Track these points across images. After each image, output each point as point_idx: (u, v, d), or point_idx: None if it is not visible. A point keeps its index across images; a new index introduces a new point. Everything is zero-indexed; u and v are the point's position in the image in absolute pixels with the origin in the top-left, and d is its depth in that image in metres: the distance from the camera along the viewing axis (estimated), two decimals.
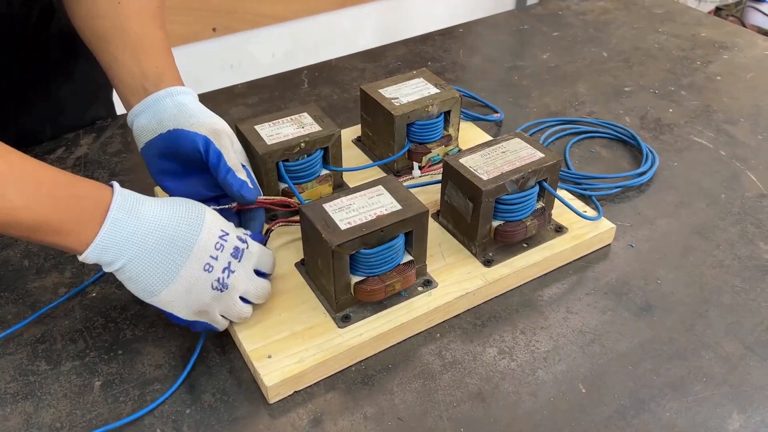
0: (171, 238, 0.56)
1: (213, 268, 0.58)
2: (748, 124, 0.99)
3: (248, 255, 0.61)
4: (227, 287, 0.59)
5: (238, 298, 0.61)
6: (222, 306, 0.61)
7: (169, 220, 0.57)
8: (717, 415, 0.60)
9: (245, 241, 0.61)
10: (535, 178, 0.70)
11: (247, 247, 0.61)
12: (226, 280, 0.59)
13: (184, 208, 0.59)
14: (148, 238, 0.56)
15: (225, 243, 0.59)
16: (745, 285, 0.73)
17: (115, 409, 0.60)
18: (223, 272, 0.59)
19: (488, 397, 0.61)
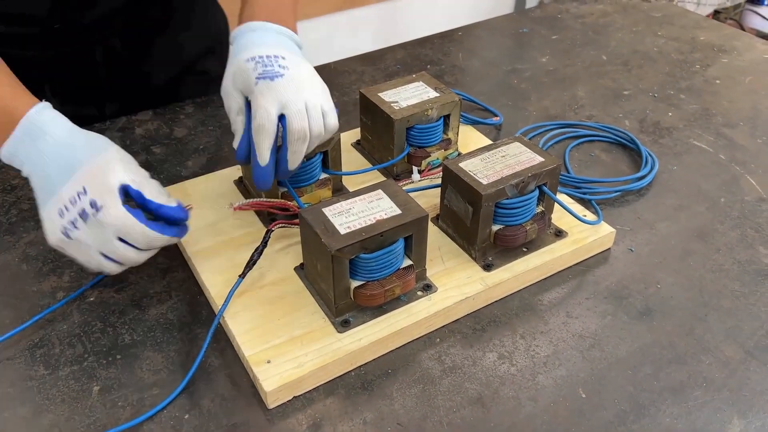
0: (47, 176, 0.62)
1: (64, 215, 0.62)
2: (747, 128, 0.99)
3: (95, 222, 0.61)
4: (71, 239, 0.62)
5: (97, 254, 0.63)
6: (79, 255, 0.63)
7: (53, 159, 0.62)
8: (717, 419, 0.60)
9: (98, 208, 0.60)
10: (535, 182, 0.70)
11: (96, 213, 0.60)
12: (69, 232, 0.62)
13: (68, 153, 0.63)
14: (36, 166, 0.63)
15: (77, 201, 0.61)
16: (745, 289, 0.73)
17: (113, 414, 0.60)
18: (69, 224, 0.62)
19: (488, 402, 0.61)
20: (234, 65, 0.68)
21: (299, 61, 0.69)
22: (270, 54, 0.67)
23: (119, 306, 0.70)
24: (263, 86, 0.65)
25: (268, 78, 0.65)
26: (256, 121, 0.65)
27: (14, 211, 0.83)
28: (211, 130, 0.97)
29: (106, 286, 0.72)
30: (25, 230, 0.80)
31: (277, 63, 0.66)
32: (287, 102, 0.65)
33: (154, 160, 0.91)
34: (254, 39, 0.69)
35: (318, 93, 0.68)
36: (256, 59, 0.66)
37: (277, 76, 0.66)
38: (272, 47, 0.68)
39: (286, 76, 0.66)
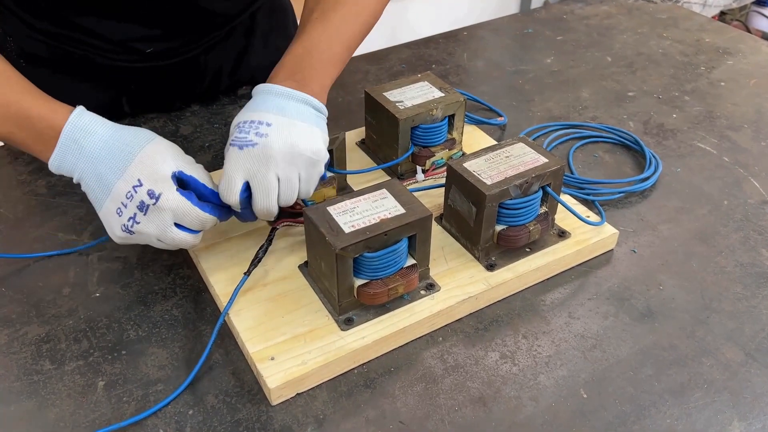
0: (99, 175, 0.63)
1: (122, 213, 0.63)
2: (751, 131, 0.99)
3: (155, 210, 0.62)
4: (134, 233, 0.64)
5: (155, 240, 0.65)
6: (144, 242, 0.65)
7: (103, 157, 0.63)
8: (717, 421, 0.60)
9: (155, 197, 0.62)
10: (539, 183, 0.71)
11: (154, 203, 0.62)
12: (131, 228, 0.64)
13: (118, 149, 0.63)
14: (86, 168, 0.64)
15: (134, 194, 0.62)
16: (747, 292, 0.73)
17: (118, 410, 0.60)
18: (129, 221, 0.63)
19: (489, 402, 0.61)
20: None
21: (287, 127, 0.65)
22: (254, 119, 0.65)
23: (125, 302, 0.70)
24: (231, 153, 0.65)
25: (237, 146, 0.64)
26: (219, 187, 0.66)
27: (21, 207, 0.83)
28: (217, 128, 0.98)
29: (112, 282, 0.73)
30: (31, 225, 0.80)
31: (255, 131, 0.64)
32: (253, 174, 0.64)
33: None
34: (256, 102, 0.67)
35: (297, 164, 0.65)
36: (239, 124, 0.66)
37: (248, 144, 0.64)
38: (263, 112, 0.66)
39: (258, 145, 0.64)
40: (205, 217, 0.65)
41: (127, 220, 0.63)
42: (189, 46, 0.94)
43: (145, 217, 0.63)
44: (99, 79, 0.93)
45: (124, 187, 0.62)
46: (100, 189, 0.64)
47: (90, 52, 0.89)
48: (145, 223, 0.63)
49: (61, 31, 0.87)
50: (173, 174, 0.63)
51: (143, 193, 0.62)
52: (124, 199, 0.62)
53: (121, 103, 0.98)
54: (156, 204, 0.62)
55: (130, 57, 0.91)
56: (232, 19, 0.97)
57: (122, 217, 0.63)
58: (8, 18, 0.87)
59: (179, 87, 1.00)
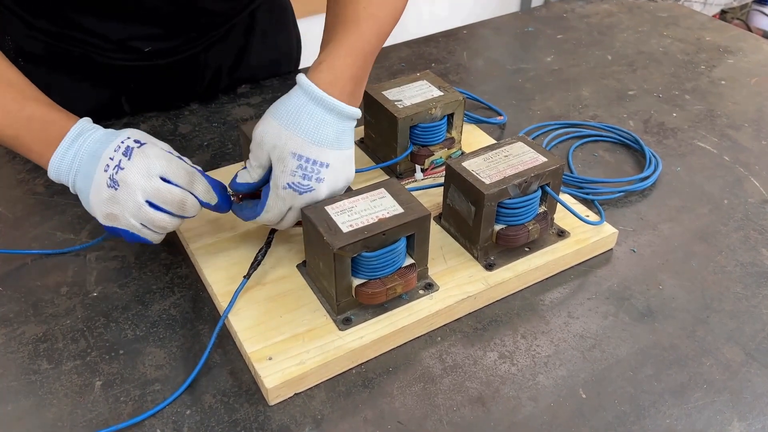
0: (93, 151, 0.63)
1: (108, 168, 0.62)
2: (751, 130, 0.99)
3: (139, 153, 0.61)
4: (118, 183, 0.61)
5: (143, 201, 0.62)
6: (128, 209, 0.62)
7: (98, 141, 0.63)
8: (717, 422, 0.60)
9: (141, 143, 0.62)
10: (538, 182, 0.70)
11: (138, 146, 0.62)
12: (115, 176, 0.61)
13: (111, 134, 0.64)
14: (83, 158, 0.63)
15: (121, 145, 0.62)
16: (747, 291, 0.73)
17: (115, 409, 0.60)
18: (114, 170, 0.61)
19: (488, 402, 0.61)
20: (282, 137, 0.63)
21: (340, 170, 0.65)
22: (317, 160, 0.64)
23: (122, 301, 0.70)
24: (286, 194, 0.64)
25: (297, 191, 0.64)
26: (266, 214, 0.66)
27: (20, 206, 0.83)
28: (215, 127, 0.97)
29: (110, 281, 0.72)
30: (30, 225, 0.80)
31: (316, 176, 0.64)
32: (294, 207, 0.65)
33: None
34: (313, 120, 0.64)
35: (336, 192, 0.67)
36: (302, 162, 0.63)
37: (307, 191, 0.64)
38: (324, 150, 0.64)
39: (315, 192, 0.64)
40: (192, 171, 0.64)
41: (113, 169, 0.61)
42: (188, 45, 0.94)
43: (130, 162, 0.61)
44: (98, 77, 0.93)
45: (113, 145, 0.62)
46: (91, 162, 0.62)
47: (89, 51, 0.89)
48: (129, 168, 0.61)
49: (60, 29, 0.86)
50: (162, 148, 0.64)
51: (130, 142, 0.63)
52: (112, 153, 0.62)
53: (120, 102, 0.98)
54: (140, 148, 0.62)
55: (130, 56, 0.91)
56: (232, 18, 0.96)
57: (107, 173, 0.61)
58: (6, 16, 0.87)
59: (179, 86, 1.00)
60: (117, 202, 0.62)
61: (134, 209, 0.62)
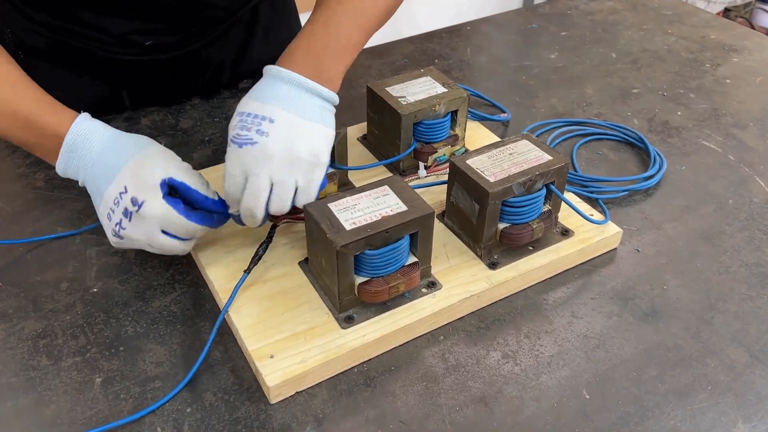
0: (95, 179, 0.65)
1: (111, 218, 0.64)
2: (756, 129, 0.98)
3: (138, 217, 0.63)
4: (123, 238, 0.65)
5: (149, 246, 0.65)
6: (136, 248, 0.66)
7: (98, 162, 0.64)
8: (721, 423, 0.59)
9: (138, 204, 0.62)
10: (543, 180, 0.70)
11: (137, 210, 0.62)
12: (119, 233, 0.64)
13: (112, 155, 0.64)
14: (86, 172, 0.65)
15: (120, 201, 0.63)
16: (752, 292, 0.72)
17: (115, 406, 0.60)
18: (116, 226, 0.64)
19: (491, 402, 0.61)
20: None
21: (290, 126, 0.63)
22: (258, 114, 0.63)
23: (123, 297, 0.70)
24: (231, 151, 0.64)
25: (237, 144, 0.63)
26: (225, 183, 0.65)
27: (20, 200, 0.83)
28: (217, 122, 0.97)
29: (110, 277, 0.72)
30: (30, 219, 0.79)
31: (257, 127, 0.63)
32: (248, 174, 0.63)
33: None
34: (264, 88, 0.65)
35: (294, 169, 0.63)
36: (243, 116, 0.64)
37: (248, 143, 0.62)
38: (269, 105, 0.64)
39: (258, 144, 0.62)
40: (191, 226, 0.64)
41: (115, 225, 0.64)
42: (190, 39, 0.93)
43: (130, 223, 0.63)
44: (99, 72, 0.92)
45: (113, 193, 0.63)
46: (96, 193, 0.65)
47: (89, 45, 0.88)
48: (130, 229, 0.63)
49: (61, 23, 0.86)
50: (162, 181, 0.63)
51: (127, 200, 0.62)
52: (112, 205, 0.63)
53: (121, 97, 0.97)
54: (138, 212, 0.62)
55: (131, 50, 0.90)
56: (234, 13, 0.96)
57: (111, 222, 0.64)
58: (7, 9, 0.86)
59: (180, 80, 0.99)
60: (124, 246, 0.66)
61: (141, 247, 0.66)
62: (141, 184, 0.62)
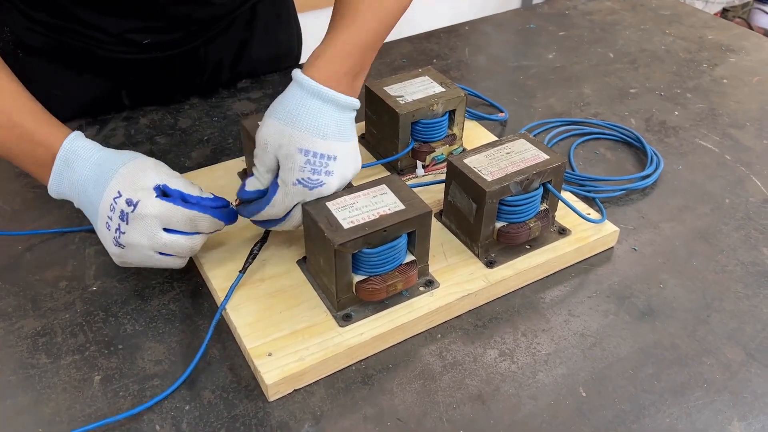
0: (88, 195, 0.64)
1: (110, 227, 0.63)
2: (753, 129, 0.99)
3: (135, 218, 0.61)
4: (124, 246, 0.63)
5: (153, 253, 0.64)
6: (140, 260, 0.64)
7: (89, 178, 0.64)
8: (717, 421, 0.60)
9: (133, 204, 0.61)
10: (540, 179, 0.70)
11: (132, 211, 0.61)
12: (119, 239, 0.63)
13: (103, 168, 0.63)
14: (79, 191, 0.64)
15: (115, 205, 0.62)
16: (748, 291, 0.72)
17: (114, 404, 0.60)
18: (116, 232, 0.63)
19: (488, 399, 0.61)
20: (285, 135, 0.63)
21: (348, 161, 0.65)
22: (324, 153, 0.63)
23: (121, 296, 0.70)
24: (298, 191, 0.64)
25: (307, 187, 0.63)
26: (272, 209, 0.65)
27: (18, 200, 0.83)
28: (216, 122, 0.97)
29: (109, 276, 0.72)
30: (29, 219, 0.80)
31: (325, 169, 0.63)
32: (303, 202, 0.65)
33: (158, 150, 0.91)
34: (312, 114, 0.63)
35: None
36: (310, 157, 0.63)
37: (318, 186, 0.64)
38: (330, 141, 0.63)
39: (326, 185, 0.64)
40: (193, 214, 0.63)
41: (115, 232, 0.63)
42: (188, 38, 0.94)
43: (128, 226, 0.62)
44: (97, 70, 0.93)
45: (107, 201, 0.62)
46: (91, 208, 0.64)
47: (88, 44, 0.88)
48: (130, 232, 0.62)
49: (59, 22, 0.86)
50: (156, 186, 0.63)
51: (122, 203, 0.61)
52: (108, 212, 0.62)
53: (120, 96, 0.98)
54: (134, 212, 0.61)
55: (129, 49, 0.90)
56: (232, 12, 0.96)
57: (110, 231, 0.63)
58: (6, 9, 0.86)
59: (179, 79, 0.99)
60: (128, 258, 0.64)
61: (146, 259, 0.64)
62: (134, 186, 0.62)
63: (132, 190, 0.62)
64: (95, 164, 0.64)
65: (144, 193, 0.62)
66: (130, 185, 0.62)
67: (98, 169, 0.64)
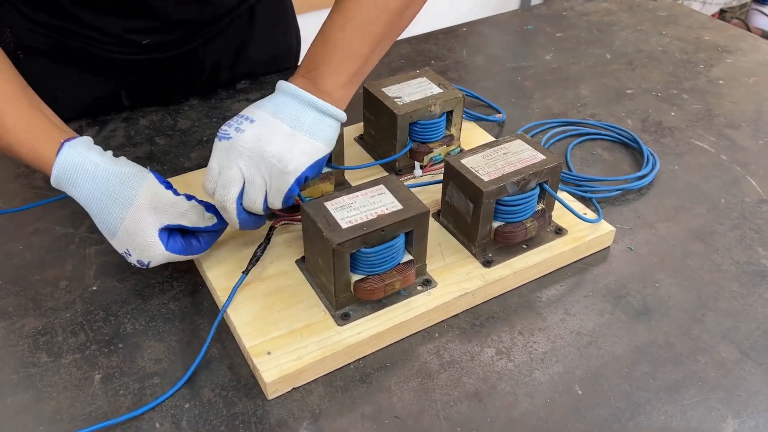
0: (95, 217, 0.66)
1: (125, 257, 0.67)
2: (749, 129, 0.99)
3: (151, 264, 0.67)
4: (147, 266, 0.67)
5: None
6: None
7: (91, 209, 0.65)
8: (711, 419, 0.60)
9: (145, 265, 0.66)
10: (536, 180, 0.71)
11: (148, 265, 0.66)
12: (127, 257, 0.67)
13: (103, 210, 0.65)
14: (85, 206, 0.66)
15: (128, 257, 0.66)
16: (743, 290, 0.73)
17: (114, 403, 0.60)
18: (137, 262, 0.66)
19: (485, 398, 0.62)
20: None
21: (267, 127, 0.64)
22: (244, 114, 0.66)
23: (122, 295, 0.71)
24: (214, 145, 0.66)
25: (217, 138, 0.65)
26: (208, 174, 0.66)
27: (18, 199, 0.83)
28: (215, 122, 0.98)
29: (109, 275, 0.73)
30: (29, 219, 0.80)
31: (237, 125, 0.65)
32: (221, 167, 0.64)
33: (157, 151, 0.92)
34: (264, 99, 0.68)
35: (260, 167, 0.63)
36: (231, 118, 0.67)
37: (225, 137, 0.64)
38: (258, 109, 0.66)
39: (231, 139, 0.64)
40: (195, 255, 0.69)
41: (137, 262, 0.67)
42: (188, 38, 0.94)
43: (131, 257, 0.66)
44: (97, 71, 0.93)
45: (119, 246, 0.66)
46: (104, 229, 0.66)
47: (88, 45, 0.89)
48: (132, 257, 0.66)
49: (58, 22, 0.87)
50: (159, 231, 0.65)
51: (134, 260, 0.66)
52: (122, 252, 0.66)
53: (119, 96, 0.98)
54: (149, 265, 0.66)
55: (129, 49, 0.91)
56: (231, 12, 0.97)
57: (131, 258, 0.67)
58: (6, 10, 0.87)
59: (178, 79, 1.00)
60: None
61: None
62: (140, 248, 0.65)
63: (140, 251, 0.65)
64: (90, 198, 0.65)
65: (151, 251, 0.65)
66: (137, 245, 0.65)
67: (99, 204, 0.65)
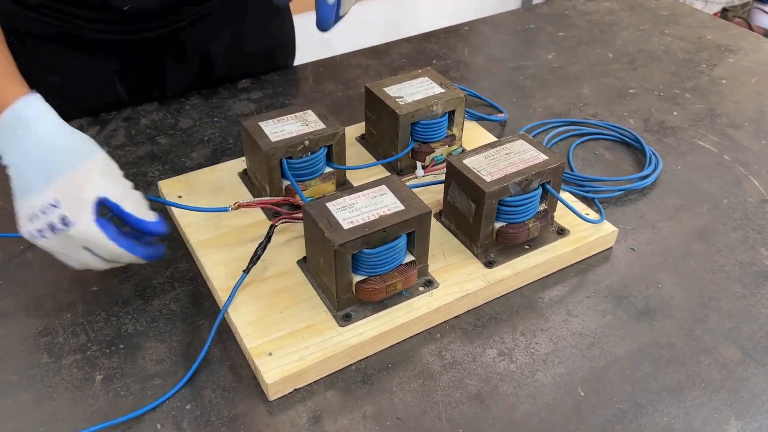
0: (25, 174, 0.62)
1: (33, 221, 0.62)
2: (752, 129, 0.99)
3: (65, 236, 0.61)
4: (37, 245, 0.63)
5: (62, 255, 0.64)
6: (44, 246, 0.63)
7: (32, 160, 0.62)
8: (714, 420, 0.60)
9: (69, 223, 0.60)
10: (539, 180, 0.70)
11: (66, 228, 0.60)
12: (37, 238, 0.62)
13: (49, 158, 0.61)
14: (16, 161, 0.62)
15: (49, 212, 0.60)
16: (745, 291, 0.73)
17: (115, 403, 0.60)
18: (37, 232, 0.62)
19: (487, 399, 0.61)
20: None
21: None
22: None
23: (123, 296, 0.70)
24: None
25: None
26: None
27: None
28: (216, 122, 0.97)
29: (110, 276, 0.73)
30: None
31: None
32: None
33: (158, 150, 0.91)
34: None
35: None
36: None
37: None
38: None
39: None
40: (118, 251, 0.62)
41: (35, 231, 0.61)
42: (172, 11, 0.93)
43: (54, 236, 0.61)
44: (85, 53, 0.91)
45: (41, 200, 0.60)
46: (20, 187, 0.62)
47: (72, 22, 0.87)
48: (51, 241, 0.61)
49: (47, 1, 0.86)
50: (97, 200, 0.61)
51: (56, 216, 0.60)
52: (37, 211, 0.61)
53: (116, 90, 0.97)
54: (66, 231, 0.60)
55: (113, 26, 0.90)
56: None
57: (32, 224, 0.61)
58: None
59: (170, 66, 0.99)
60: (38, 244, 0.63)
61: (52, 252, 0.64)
62: (73, 203, 0.60)
63: (70, 206, 0.60)
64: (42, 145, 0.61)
65: (82, 213, 0.60)
66: (71, 198, 0.60)
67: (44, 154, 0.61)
